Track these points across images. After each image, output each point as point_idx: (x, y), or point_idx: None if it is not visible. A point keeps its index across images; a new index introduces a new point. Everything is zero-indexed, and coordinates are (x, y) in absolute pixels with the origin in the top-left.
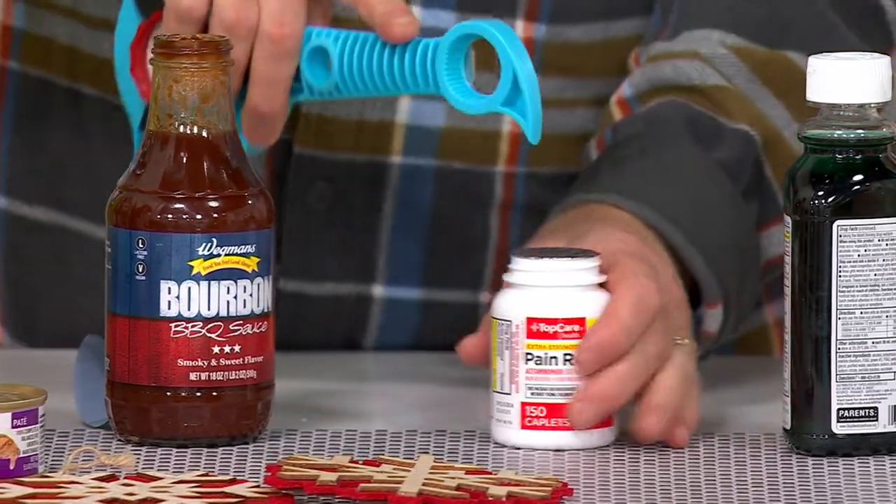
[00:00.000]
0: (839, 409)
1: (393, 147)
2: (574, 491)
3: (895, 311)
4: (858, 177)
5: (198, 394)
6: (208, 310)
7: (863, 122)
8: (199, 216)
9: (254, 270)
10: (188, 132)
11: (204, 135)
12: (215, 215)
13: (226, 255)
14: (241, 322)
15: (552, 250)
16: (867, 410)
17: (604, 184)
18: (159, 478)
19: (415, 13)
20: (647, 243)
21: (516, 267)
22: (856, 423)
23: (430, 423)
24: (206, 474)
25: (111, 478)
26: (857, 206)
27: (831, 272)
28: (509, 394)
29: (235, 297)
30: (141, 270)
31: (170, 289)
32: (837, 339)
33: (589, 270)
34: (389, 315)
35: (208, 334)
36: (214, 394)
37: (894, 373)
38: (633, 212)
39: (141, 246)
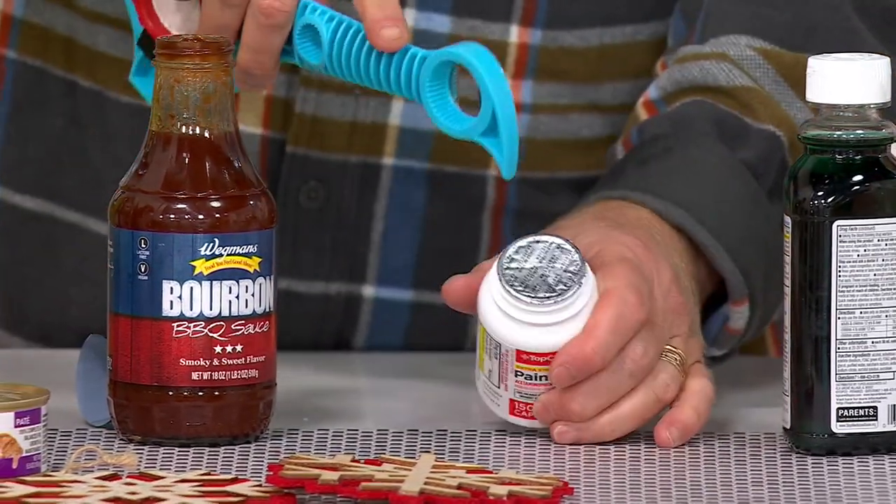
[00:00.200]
0: (839, 409)
1: (386, 149)
2: (574, 490)
3: (894, 310)
4: (858, 177)
5: (200, 393)
6: (210, 310)
7: (862, 122)
8: (201, 216)
9: (256, 270)
10: (190, 132)
11: (206, 135)
12: (217, 215)
13: (228, 255)
14: (243, 322)
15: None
16: (867, 410)
17: (629, 182)
18: (161, 477)
19: (409, 16)
20: (651, 247)
21: (508, 299)
22: (855, 423)
23: (432, 422)
24: (208, 473)
25: (114, 477)
26: (857, 207)
27: (831, 272)
28: (499, 388)
29: (237, 297)
30: (143, 270)
31: (172, 289)
32: (837, 339)
33: (579, 297)
34: (380, 316)
35: (210, 334)
36: (216, 393)
37: (894, 372)
38: (656, 210)
39: (143, 246)
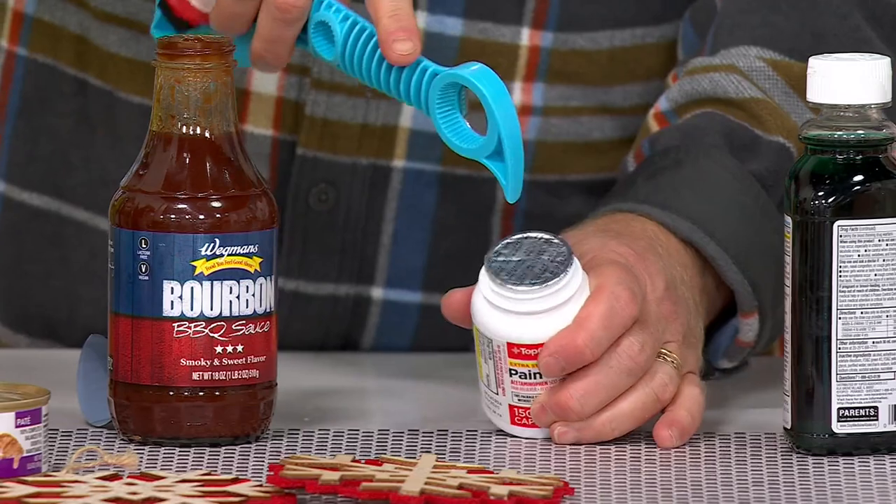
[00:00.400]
0: (839, 409)
1: (396, 151)
2: (575, 490)
3: (895, 310)
4: (859, 177)
5: (200, 393)
6: (211, 310)
7: (863, 122)
8: (201, 216)
9: (256, 270)
10: (191, 133)
11: (207, 135)
12: (218, 216)
13: (228, 255)
14: (243, 322)
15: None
16: (867, 410)
17: (638, 195)
18: (162, 477)
19: (420, 19)
20: (645, 257)
21: (495, 288)
22: (856, 423)
23: (432, 422)
24: (208, 473)
25: (114, 477)
26: (858, 207)
27: (832, 272)
28: (497, 394)
29: (238, 297)
30: (144, 270)
31: (173, 289)
32: (838, 339)
33: (566, 286)
34: (388, 318)
35: (211, 334)
36: (217, 393)
37: (894, 372)
38: (664, 223)
39: (144, 246)
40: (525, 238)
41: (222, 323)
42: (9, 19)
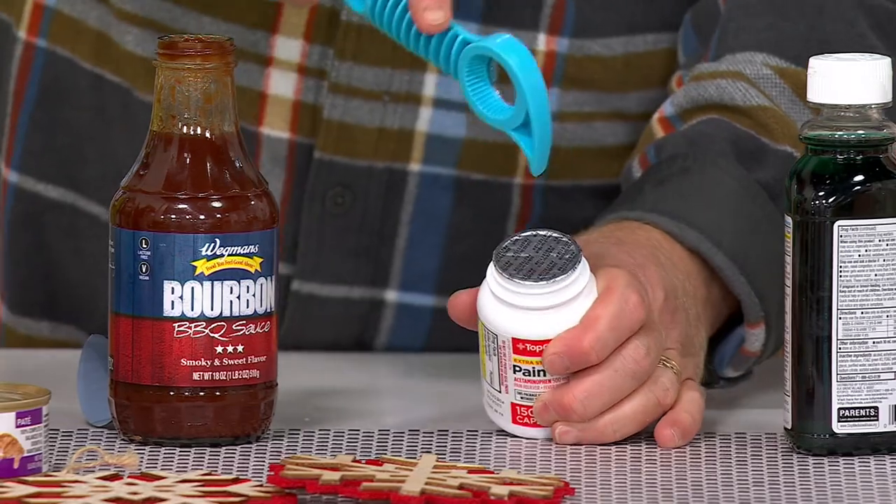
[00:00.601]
0: (840, 409)
1: (413, 155)
2: (576, 490)
3: (895, 310)
4: (859, 177)
5: (201, 393)
6: (211, 310)
7: (864, 122)
8: (202, 216)
9: (257, 271)
10: (191, 133)
11: (207, 135)
12: (218, 216)
13: (229, 255)
14: (244, 322)
15: (534, 264)
16: (868, 410)
17: (646, 203)
18: (163, 477)
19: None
20: (645, 266)
21: (502, 283)
22: (856, 423)
23: (433, 422)
24: (209, 473)
25: (115, 477)
26: (858, 207)
27: (832, 272)
28: (500, 392)
29: (238, 298)
30: (144, 270)
31: (173, 289)
32: (838, 339)
33: (573, 283)
34: (401, 321)
35: (211, 334)
36: (218, 393)
37: (895, 372)
38: (671, 232)
39: (144, 246)
40: (534, 235)
41: (223, 323)
42: (29, 10)
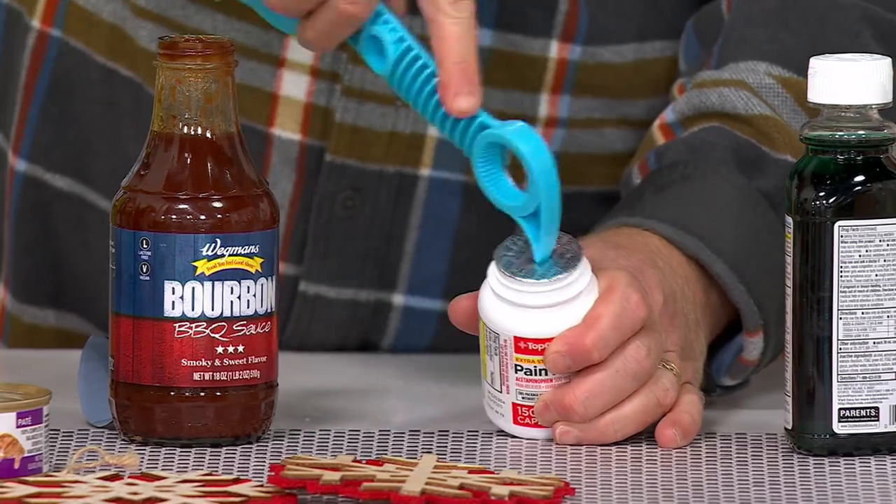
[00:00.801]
0: (840, 409)
1: (423, 160)
2: (576, 490)
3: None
4: (860, 177)
5: (201, 393)
6: (212, 310)
7: (864, 123)
8: (202, 217)
9: (257, 271)
10: (192, 133)
11: (208, 135)
12: (219, 216)
13: (229, 255)
14: (244, 322)
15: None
16: (868, 410)
17: (645, 209)
18: (163, 477)
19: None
20: (643, 270)
21: (504, 281)
22: (857, 423)
23: (433, 422)
24: (209, 474)
25: (115, 477)
26: (859, 207)
27: (832, 273)
28: (501, 392)
29: (239, 298)
30: (145, 271)
31: (174, 289)
32: (839, 340)
33: (575, 282)
34: (407, 323)
35: (212, 334)
36: (218, 394)
37: (895, 373)
38: (670, 239)
39: (145, 246)
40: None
41: (223, 323)
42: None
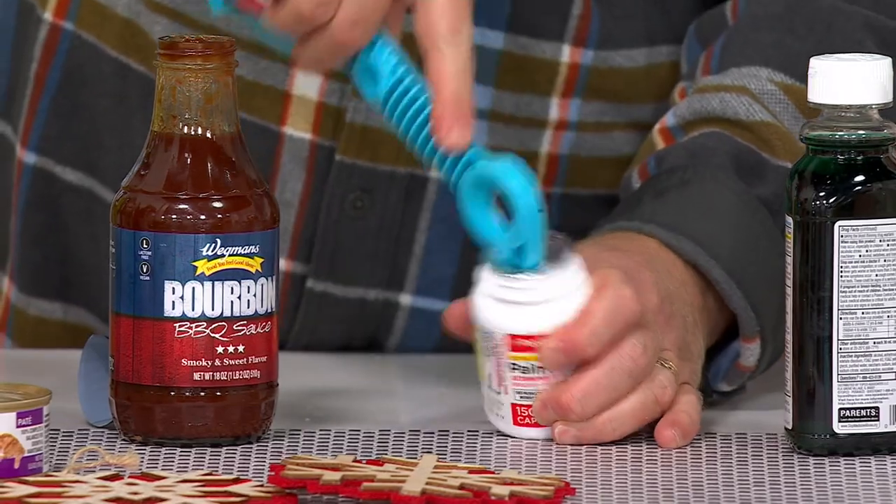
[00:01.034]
0: (840, 409)
1: None
2: (576, 490)
3: None
4: (860, 177)
5: (202, 393)
6: (212, 310)
7: (864, 122)
8: (203, 217)
9: (258, 271)
10: (192, 133)
11: (208, 135)
12: (219, 216)
13: (230, 255)
14: (244, 322)
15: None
16: (868, 410)
17: (644, 214)
18: (163, 477)
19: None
20: (638, 271)
21: (495, 280)
22: (857, 423)
23: (433, 422)
24: (209, 474)
25: (115, 477)
26: (859, 207)
27: (833, 272)
28: (500, 394)
29: (239, 298)
30: (145, 271)
31: (174, 289)
32: (839, 339)
33: (566, 278)
34: (414, 324)
35: (212, 334)
36: (218, 394)
37: (895, 373)
38: (668, 243)
39: (145, 246)
40: None
41: (223, 323)
42: None
